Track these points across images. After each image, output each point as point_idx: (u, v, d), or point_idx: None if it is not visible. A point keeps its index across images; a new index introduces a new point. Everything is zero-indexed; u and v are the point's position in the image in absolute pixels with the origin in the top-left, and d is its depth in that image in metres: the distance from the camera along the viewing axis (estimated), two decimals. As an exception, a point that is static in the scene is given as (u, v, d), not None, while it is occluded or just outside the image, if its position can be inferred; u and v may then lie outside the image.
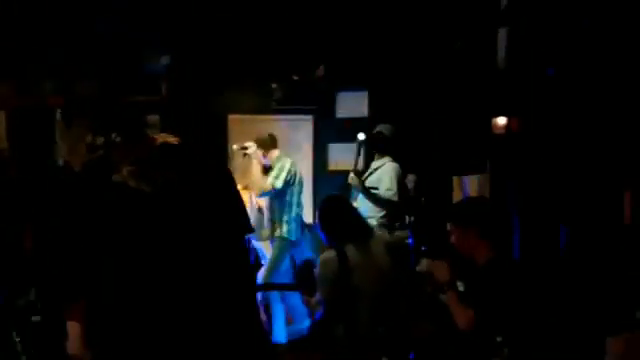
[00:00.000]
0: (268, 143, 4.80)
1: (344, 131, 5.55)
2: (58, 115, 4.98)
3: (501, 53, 3.55)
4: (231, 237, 1.54)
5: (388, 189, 4.50)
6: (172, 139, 1.60)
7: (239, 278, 1.55)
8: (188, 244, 1.47)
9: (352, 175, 4.62)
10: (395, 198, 4.51)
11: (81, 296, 1.56)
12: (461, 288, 2.81)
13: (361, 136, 4.76)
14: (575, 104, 2.75)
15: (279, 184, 4.64)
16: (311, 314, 3.79)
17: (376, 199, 4.51)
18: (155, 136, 1.57)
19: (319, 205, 3.48)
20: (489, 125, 3.55)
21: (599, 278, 2.46)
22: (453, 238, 2.67)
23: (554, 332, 2.52)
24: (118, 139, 1.53)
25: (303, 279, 4.91)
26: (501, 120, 3.36)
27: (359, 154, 4.75)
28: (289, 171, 4.70)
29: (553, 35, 2.90)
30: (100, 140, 1.53)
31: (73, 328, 1.54)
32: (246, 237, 1.65)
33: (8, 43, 4.64)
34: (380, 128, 4.70)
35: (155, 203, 1.45)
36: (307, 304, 3.53)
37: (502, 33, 3.53)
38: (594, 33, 2.70)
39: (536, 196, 3.04)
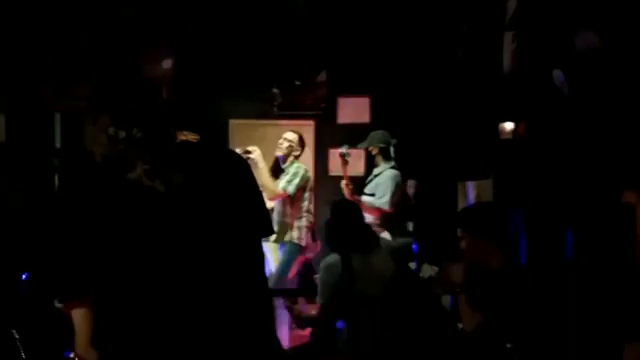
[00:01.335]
0: (302, 143, 4.87)
1: (345, 136, 5.54)
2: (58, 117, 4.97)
3: (507, 57, 3.54)
4: (247, 238, 1.52)
5: (380, 197, 4.55)
6: (192, 137, 1.58)
7: (253, 280, 1.52)
8: (199, 245, 1.45)
9: (343, 184, 4.73)
10: (387, 207, 4.56)
11: (85, 293, 1.52)
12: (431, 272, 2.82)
13: (344, 149, 4.85)
14: (584, 108, 2.73)
15: (292, 189, 4.64)
16: (292, 321, 3.74)
17: (369, 206, 4.56)
18: (176, 134, 1.56)
19: (330, 210, 3.45)
20: (495, 130, 3.53)
21: (611, 285, 2.43)
22: (464, 244, 2.65)
23: (567, 339, 2.50)
24: (139, 135, 1.50)
25: (303, 283, 4.90)
26: (508, 125, 3.34)
27: (346, 163, 4.84)
28: (302, 177, 4.70)
29: (561, 39, 2.89)
30: (122, 134, 1.50)
31: (80, 327, 1.50)
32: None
33: (14, 43, 4.62)
34: (379, 136, 4.77)
35: (168, 203, 1.43)
36: (289, 310, 3.49)
37: (508, 37, 3.52)
38: (602, 37, 2.69)
39: (543, 202, 3.02)
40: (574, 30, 2.87)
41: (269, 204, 4.84)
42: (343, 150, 4.91)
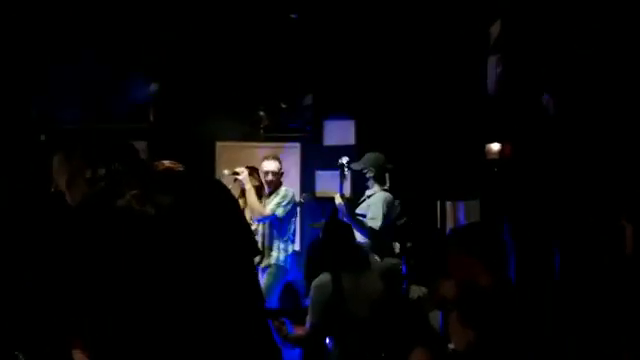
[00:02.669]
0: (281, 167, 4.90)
1: (331, 159, 5.58)
2: (42, 139, 4.93)
3: (491, 80, 3.62)
4: (239, 259, 1.53)
5: (371, 218, 4.54)
6: (174, 165, 1.59)
7: (250, 301, 1.53)
8: (195, 267, 1.45)
9: (338, 196, 4.65)
10: (376, 227, 4.54)
11: (83, 328, 1.52)
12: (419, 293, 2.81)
13: (344, 159, 4.80)
14: (571, 129, 2.80)
15: (281, 212, 4.64)
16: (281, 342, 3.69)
17: (360, 226, 4.54)
18: (156, 163, 1.57)
19: (322, 230, 3.45)
20: (481, 151, 3.59)
21: (600, 300, 2.47)
22: (453, 263, 2.67)
23: (559, 356, 2.52)
24: (120, 167, 1.51)
25: (288, 304, 4.88)
26: (494, 146, 3.40)
27: (344, 176, 4.79)
28: (291, 200, 4.72)
29: (546, 61, 2.97)
30: (102, 172, 1.51)
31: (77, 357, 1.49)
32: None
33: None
34: (375, 159, 4.73)
35: (160, 226, 1.44)
36: (278, 331, 3.46)
37: (492, 60, 3.60)
38: (587, 59, 2.76)
39: (530, 220, 3.06)
40: (559, 51, 2.95)
41: (253, 226, 4.85)
42: (343, 161, 4.81)
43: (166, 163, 1.57)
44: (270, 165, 4.83)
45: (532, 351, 2.52)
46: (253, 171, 4.80)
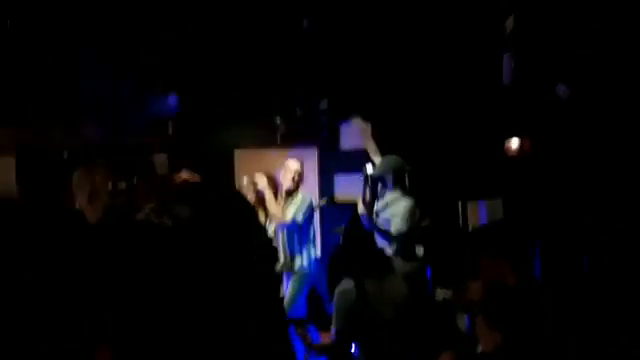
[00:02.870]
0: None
1: (350, 162, 5.56)
2: (65, 156, 4.98)
3: (506, 75, 3.57)
4: (257, 268, 1.53)
5: (398, 230, 4.41)
6: (191, 177, 1.61)
7: (269, 309, 1.53)
8: (212, 277, 1.45)
9: (360, 204, 4.58)
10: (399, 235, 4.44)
11: (108, 339, 1.52)
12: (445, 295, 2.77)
13: (369, 168, 4.73)
14: (592, 124, 2.76)
15: (300, 218, 4.64)
16: (305, 350, 3.64)
17: (384, 234, 4.45)
18: (174, 175, 1.59)
19: (335, 236, 3.45)
20: (501, 149, 3.55)
21: (629, 302, 2.42)
22: (481, 264, 2.64)
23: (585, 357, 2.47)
24: (140, 182, 1.53)
25: (313, 311, 4.86)
26: (514, 143, 3.36)
27: (368, 185, 4.71)
28: (310, 206, 4.71)
29: (560, 53, 2.93)
30: (122, 185, 1.53)
31: None
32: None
33: (15, 86, 4.67)
34: (393, 163, 4.65)
35: (178, 237, 1.44)
36: (302, 339, 3.42)
37: (507, 55, 3.56)
38: (603, 54, 2.72)
39: (555, 219, 3.02)
40: (573, 43, 2.91)
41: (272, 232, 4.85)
42: (368, 170, 4.75)
43: (184, 175, 1.59)
44: (293, 164, 4.80)
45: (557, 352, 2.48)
46: (270, 179, 4.79)
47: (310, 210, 4.75)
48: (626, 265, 2.59)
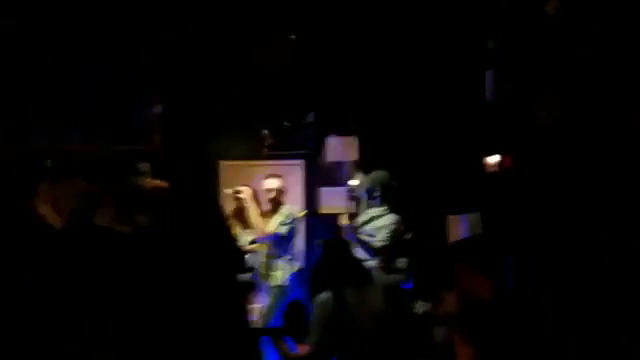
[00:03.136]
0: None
1: (334, 175, 5.59)
2: (47, 164, 4.96)
3: (489, 92, 3.62)
4: (218, 276, 1.54)
5: (382, 243, 4.46)
6: (160, 184, 1.61)
7: (228, 317, 1.54)
8: (170, 284, 1.46)
9: (345, 217, 4.65)
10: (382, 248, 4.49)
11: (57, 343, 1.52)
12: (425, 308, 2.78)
13: (355, 182, 4.79)
14: (572, 139, 2.79)
15: (284, 230, 4.66)
16: None
17: (367, 247, 4.49)
18: (142, 182, 1.60)
19: (319, 248, 3.47)
20: (480, 163, 3.58)
21: (630, 302, 2.43)
22: (457, 277, 2.66)
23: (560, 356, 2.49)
24: (107, 188, 1.55)
25: (291, 322, 4.85)
26: (493, 158, 3.40)
27: (353, 199, 4.79)
28: (295, 219, 4.74)
29: (543, 72, 2.97)
30: (91, 192, 1.54)
31: None
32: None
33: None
34: (381, 178, 4.70)
35: (136, 245, 1.46)
36: (278, 349, 3.43)
37: (490, 72, 3.61)
38: (587, 69, 2.76)
39: (532, 232, 3.04)
40: (554, 61, 2.95)
41: (254, 245, 4.86)
42: (355, 185, 4.82)
43: (154, 182, 1.60)
44: (271, 183, 4.86)
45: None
46: (254, 191, 4.82)
47: (294, 223, 4.78)
48: (626, 265, 2.59)
